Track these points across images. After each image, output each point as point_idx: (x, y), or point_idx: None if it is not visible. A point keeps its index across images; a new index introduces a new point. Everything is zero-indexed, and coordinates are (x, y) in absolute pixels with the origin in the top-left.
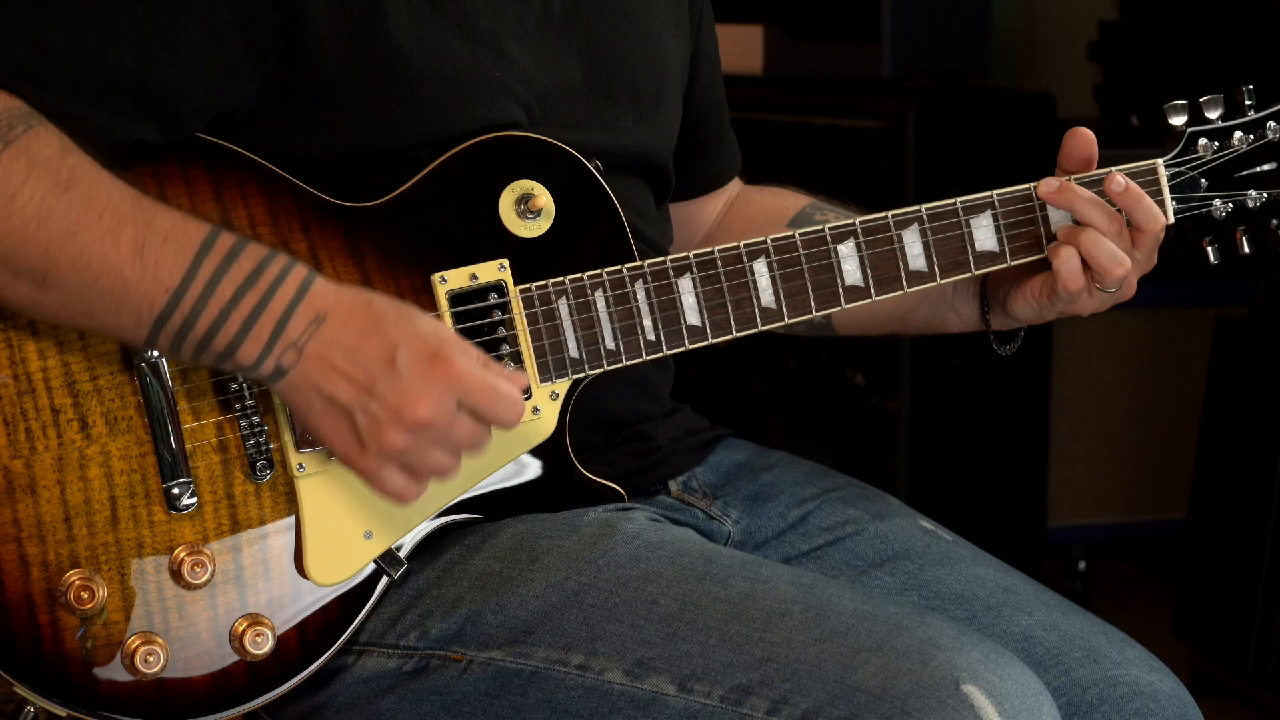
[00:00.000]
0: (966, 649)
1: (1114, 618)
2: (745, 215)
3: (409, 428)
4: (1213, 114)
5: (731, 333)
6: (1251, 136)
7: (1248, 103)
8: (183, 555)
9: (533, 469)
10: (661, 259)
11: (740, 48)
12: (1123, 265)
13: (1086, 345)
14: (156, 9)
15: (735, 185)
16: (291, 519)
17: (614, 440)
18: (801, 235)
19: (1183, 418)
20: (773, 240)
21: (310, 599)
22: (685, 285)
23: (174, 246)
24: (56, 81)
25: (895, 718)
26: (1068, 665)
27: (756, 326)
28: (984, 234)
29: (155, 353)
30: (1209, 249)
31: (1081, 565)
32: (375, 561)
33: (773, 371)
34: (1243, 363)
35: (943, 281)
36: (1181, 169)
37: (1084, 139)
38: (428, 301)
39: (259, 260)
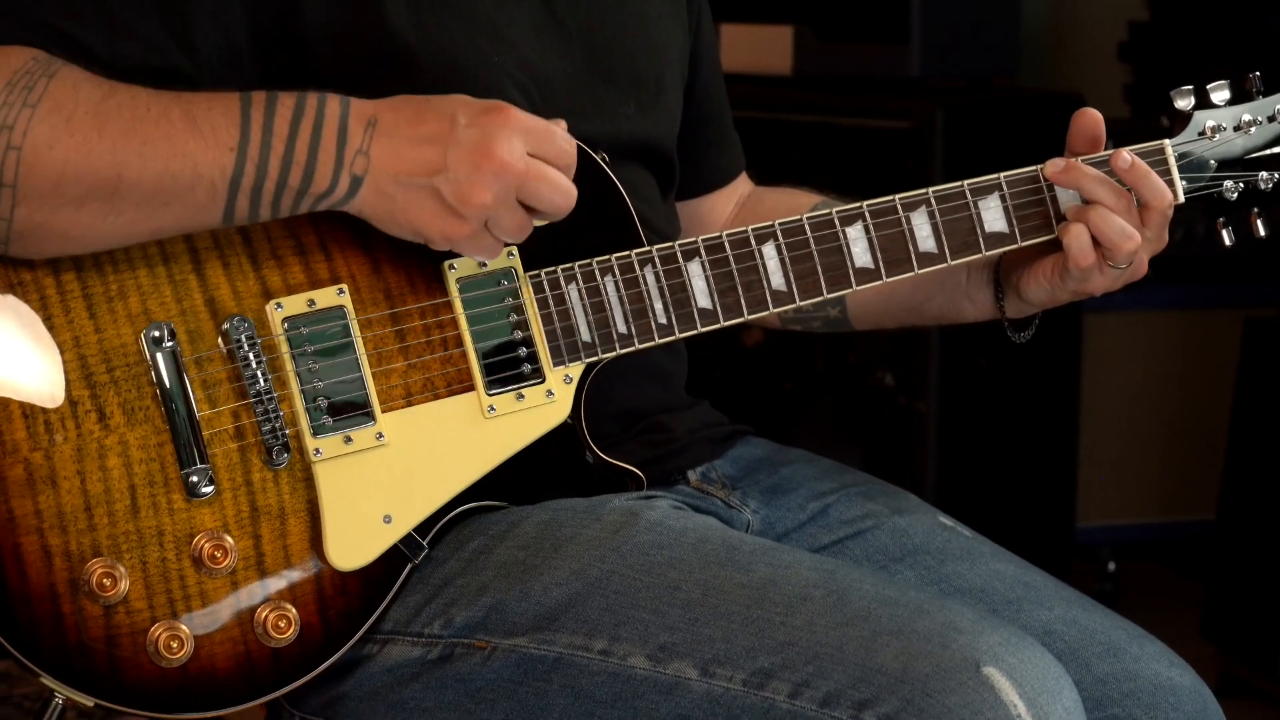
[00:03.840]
0: (987, 633)
1: (1142, 619)
2: (758, 214)
3: (492, 173)
4: (1219, 98)
5: (743, 315)
6: (1260, 119)
7: (1255, 88)
8: (203, 542)
9: (550, 453)
10: (669, 244)
11: (769, 48)
12: (1132, 240)
13: (1116, 346)
14: (168, 4)
15: (746, 185)
16: (310, 504)
17: (631, 430)
18: (809, 219)
19: (1212, 419)
20: (780, 224)
21: (332, 585)
22: (695, 269)
23: (220, 110)
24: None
25: (916, 700)
26: (1088, 660)
27: (769, 308)
28: (992, 215)
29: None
30: (1223, 231)
31: (1111, 566)
32: (396, 545)
33: (802, 372)
34: (1272, 363)
35: (954, 263)
36: (1190, 150)
37: (1091, 119)
38: (438, 289)
39: (296, 96)
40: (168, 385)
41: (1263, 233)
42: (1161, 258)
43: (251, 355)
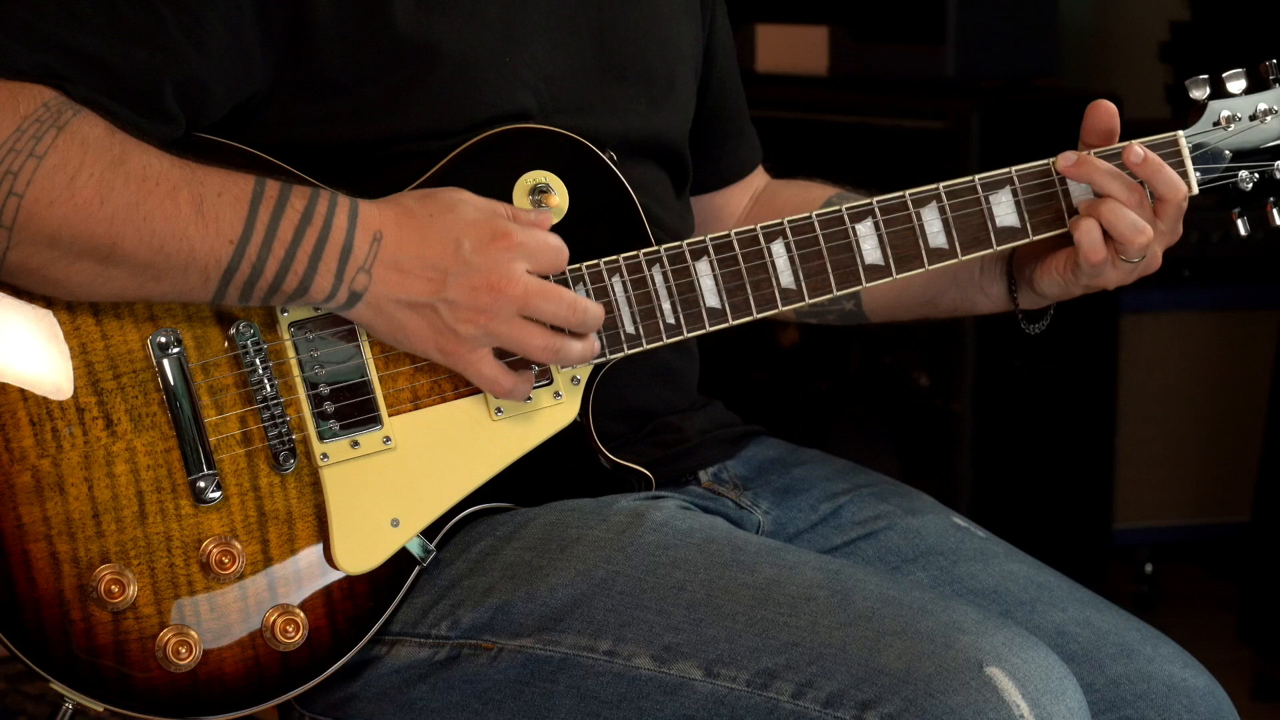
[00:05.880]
0: (990, 633)
1: (1180, 621)
2: (773, 208)
3: (502, 298)
4: (1235, 87)
5: (752, 314)
6: (1277, 108)
7: (1271, 77)
8: (211, 548)
9: (558, 454)
10: (677, 243)
11: (805, 48)
12: (1144, 234)
13: (1152, 347)
14: (181, 7)
15: (761, 179)
16: (318, 508)
17: (641, 430)
18: (818, 216)
19: (1248, 419)
20: (789, 222)
21: (340, 589)
22: (703, 268)
23: (229, 199)
24: (89, 85)
25: (919, 700)
26: (1101, 661)
27: (777, 307)
28: (1004, 209)
29: (176, 347)
30: (1238, 221)
31: (1148, 568)
32: (404, 548)
33: (836, 372)
34: None
35: (965, 258)
36: (1205, 141)
37: (1105, 111)
38: None
39: (308, 198)
40: (174, 391)
41: (1278, 222)
42: (1198, 258)
43: (258, 361)
